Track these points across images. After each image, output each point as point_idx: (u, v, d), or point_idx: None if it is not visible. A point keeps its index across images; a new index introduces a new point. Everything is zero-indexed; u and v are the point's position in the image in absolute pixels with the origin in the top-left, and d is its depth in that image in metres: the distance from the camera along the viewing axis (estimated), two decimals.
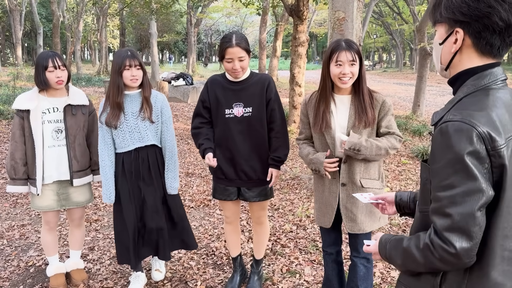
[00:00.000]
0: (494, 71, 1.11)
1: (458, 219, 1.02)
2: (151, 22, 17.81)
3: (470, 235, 1.02)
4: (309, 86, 19.79)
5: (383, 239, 1.28)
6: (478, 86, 1.10)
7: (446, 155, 1.03)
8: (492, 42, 1.08)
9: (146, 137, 2.74)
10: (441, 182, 1.05)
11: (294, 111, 8.96)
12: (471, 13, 1.06)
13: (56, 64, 2.71)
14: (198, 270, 3.29)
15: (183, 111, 11.88)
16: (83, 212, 3.10)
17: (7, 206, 4.70)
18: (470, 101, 1.09)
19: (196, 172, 6.12)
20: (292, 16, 8.41)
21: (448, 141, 1.03)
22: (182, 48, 52.29)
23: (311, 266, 3.32)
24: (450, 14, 1.10)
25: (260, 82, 2.61)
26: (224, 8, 29.32)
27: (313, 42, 56.08)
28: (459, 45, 1.12)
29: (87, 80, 20.38)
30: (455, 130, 1.03)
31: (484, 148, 1.00)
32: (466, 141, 1.01)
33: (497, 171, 1.02)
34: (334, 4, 4.32)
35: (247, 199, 2.74)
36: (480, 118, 1.03)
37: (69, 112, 2.83)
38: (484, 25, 1.06)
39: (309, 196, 4.96)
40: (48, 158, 2.79)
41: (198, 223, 4.25)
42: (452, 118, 1.05)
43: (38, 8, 33.60)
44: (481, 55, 1.11)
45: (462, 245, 1.02)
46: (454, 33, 1.11)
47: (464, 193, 1.01)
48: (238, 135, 2.61)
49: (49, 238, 3.03)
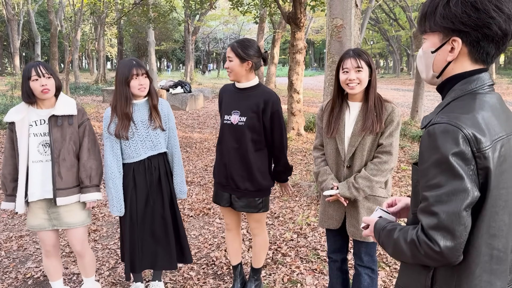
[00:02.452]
0: (481, 76, 1.14)
1: (444, 218, 1.04)
2: (149, 30, 17.86)
3: (455, 234, 1.04)
4: (307, 92, 19.82)
5: (377, 224, 1.31)
6: (466, 90, 1.13)
7: (432, 156, 1.06)
8: (489, 51, 1.11)
9: (159, 145, 2.76)
10: (428, 182, 1.08)
11: (293, 118, 8.96)
12: (471, 23, 1.08)
13: (40, 72, 2.50)
14: (198, 280, 3.25)
15: (181, 119, 11.87)
16: (83, 235, 2.76)
17: (5, 217, 4.66)
18: (457, 104, 1.12)
19: (195, 181, 6.09)
20: (289, 24, 8.44)
21: (434, 142, 1.06)
22: (180, 56, 52.41)
23: (313, 275, 3.28)
24: (448, 23, 1.11)
25: (262, 96, 2.60)
26: (222, 16, 29.48)
27: (310, 49, 56.30)
28: (456, 54, 1.13)
29: (85, 89, 20.39)
30: (441, 131, 1.05)
31: (469, 150, 1.03)
32: (451, 142, 1.03)
33: (482, 172, 1.05)
34: (332, 11, 4.33)
35: (236, 208, 2.74)
36: (466, 120, 1.06)
37: (55, 124, 2.59)
38: (484, 35, 1.08)
39: (309, 204, 4.93)
40: (32, 174, 2.57)
41: (197, 232, 4.22)
42: (439, 121, 1.08)
43: (36, 17, 33.69)
44: (474, 62, 1.14)
45: (446, 244, 1.04)
46: (451, 41, 1.13)
47: (450, 192, 1.04)
48: (231, 142, 2.64)
49: (47, 262, 2.81)
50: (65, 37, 24.88)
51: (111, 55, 46.43)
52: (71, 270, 3.43)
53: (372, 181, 2.22)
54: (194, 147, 8.40)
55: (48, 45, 36.21)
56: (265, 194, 2.72)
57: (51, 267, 2.83)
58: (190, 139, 9.19)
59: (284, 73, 36.68)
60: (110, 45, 43.86)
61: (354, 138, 2.27)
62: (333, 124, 2.33)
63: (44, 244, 2.75)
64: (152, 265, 2.88)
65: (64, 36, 24.89)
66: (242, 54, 2.54)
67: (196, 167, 6.88)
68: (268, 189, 2.73)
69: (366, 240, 2.31)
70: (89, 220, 2.79)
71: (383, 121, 2.23)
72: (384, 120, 2.24)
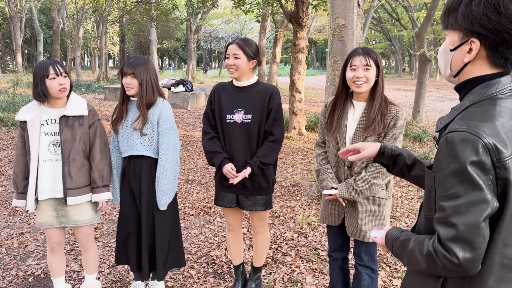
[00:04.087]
0: (502, 80, 1.10)
1: (462, 229, 1.01)
2: (151, 29, 17.88)
3: (474, 245, 1.01)
4: (308, 92, 19.81)
5: (389, 234, 1.29)
6: (485, 95, 1.09)
7: (451, 165, 1.03)
8: (508, 56, 1.07)
9: (135, 146, 2.71)
10: (445, 191, 1.05)
11: (294, 117, 8.96)
12: (491, 26, 1.04)
13: (58, 71, 2.51)
14: (199, 279, 3.25)
15: (182, 117, 11.87)
16: (89, 232, 2.80)
17: (6, 214, 4.67)
18: (476, 110, 1.08)
19: (196, 179, 6.10)
20: (291, 23, 8.43)
21: (453, 151, 1.02)
22: (181, 55, 52.44)
23: (313, 274, 3.28)
24: (467, 24, 1.07)
25: (264, 91, 2.65)
26: (224, 15, 29.45)
27: (312, 48, 56.23)
28: (474, 55, 1.09)
29: (87, 87, 20.40)
30: (460, 140, 1.02)
31: (489, 160, 0.99)
32: (471, 151, 1.00)
33: (502, 183, 1.01)
34: (334, 11, 4.32)
35: (244, 208, 2.74)
36: (486, 129, 1.02)
37: (65, 124, 2.60)
38: (503, 39, 1.04)
39: (309, 203, 4.93)
40: (42, 173, 2.59)
41: (198, 231, 4.22)
42: (458, 128, 1.04)
43: (38, 15, 33.72)
44: (493, 66, 1.10)
45: (465, 255, 1.02)
46: (469, 42, 1.09)
47: (468, 203, 1.00)
48: (237, 141, 2.64)
49: (52, 259, 2.82)
50: (67, 35, 24.92)
51: (113, 53, 46.47)
52: (71, 268, 3.43)
53: (372, 184, 2.21)
54: (195, 145, 8.40)
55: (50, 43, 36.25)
56: (271, 191, 2.76)
57: (55, 263, 2.84)
58: (192, 137, 9.20)
59: (286, 72, 36.65)
60: (112, 43, 43.87)
61: (356, 139, 2.24)
62: (335, 123, 2.30)
63: (50, 241, 2.77)
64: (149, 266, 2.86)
65: (66, 34, 24.94)
66: (250, 52, 2.59)
67: (197, 165, 6.88)
68: (273, 186, 2.77)
69: (366, 240, 2.30)
70: (97, 218, 2.80)
71: (387, 124, 2.21)
72: (387, 123, 2.21)
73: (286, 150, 7.81)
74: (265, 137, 2.67)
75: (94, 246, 2.90)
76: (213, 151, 2.67)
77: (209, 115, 2.75)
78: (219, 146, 2.69)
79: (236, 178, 2.59)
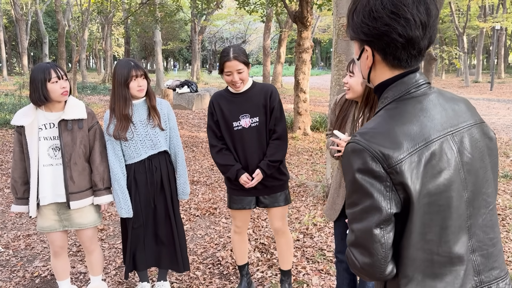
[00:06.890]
0: (404, 81, 1.10)
1: (358, 235, 1.06)
2: (155, 30, 17.93)
3: (370, 251, 1.04)
4: (313, 92, 19.77)
5: None
6: (392, 98, 1.11)
7: (347, 175, 1.08)
8: (399, 56, 1.08)
9: (159, 143, 2.74)
10: (347, 199, 1.10)
11: (299, 117, 8.94)
12: (371, 32, 1.06)
13: (60, 74, 2.49)
14: (205, 280, 3.25)
15: (187, 118, 11.89)
16: (93, 234, 2.79)
17: (12, 216, 4.69)
18: (380, 115, 1.11)
19: (201, 180, 6.10)
20: (296, 23, 8.42)
21: (347, 162, 1.08)
22: (186, 56, 52.52)
23: (319, 276, 3.27)
24: (356, 34, 1.12)
25: (263, 92, 2.67)
26: (228, 16, 29.49)
27: (317, 48, 56.13)
28: (371, 61, 1.13)
29: (92, 89, 20.52)
30: (350, 151, 1.06)
31: (380, 167, 1.01)
32: (359, 161, 1.03)
33: (400, 187, 1.02)
34: (339, 10, 4.30)
35: (267, 206, 2.78)
36: (374, 137, 1.03)
37: (65, 128, 2.56)
38: (386, 42, 1.06)
39: (315, 204, 4.91)
40: (43, 178, 2.55)
41: (203, 232, 4.22)
42: (352, 139, 1.08)
43: (44, 17, 33.92)
44: (392, 68, 1.11)
45: (364, 260, 1.06)
46: (365, 50, 1.13)
47: (362, 210, 1.04)
48: (249, 145, 2.67)
49: (55, 262, 2.81)
50: (72, 37, 25.05)
51: (118, 54, 46.62)
52: (78, 269, 3.44)
53: None
54: (201, 146, 8.41)
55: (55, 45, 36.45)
56: (287, 184, 2.81)
57: (59, 266, 2.83)
58: (197, 138, 9.21)
59: (291, 72, 36.60)
60: (117, 45, 44.05)
61: None
62: (340, 120, 2.32)
63: (52, 245, 2.75)
64: (157, 263, 2.89)
65: (72, 36, 25.07)
66: (247, 60, 2.61)
67: (202, 166, 6.88)
68: (288, 179, 2.81)
69: None
70: (100, 220, 2.80)
71: None
72: None
73: (291, 151, 7.79)
74: (270, 136, 2.70)
75: (98, 248, 2.89)
76: (224, 165, 2.68)
77: (213, 127, 2.73)
78: (229, 157, 2.69)
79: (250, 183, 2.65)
